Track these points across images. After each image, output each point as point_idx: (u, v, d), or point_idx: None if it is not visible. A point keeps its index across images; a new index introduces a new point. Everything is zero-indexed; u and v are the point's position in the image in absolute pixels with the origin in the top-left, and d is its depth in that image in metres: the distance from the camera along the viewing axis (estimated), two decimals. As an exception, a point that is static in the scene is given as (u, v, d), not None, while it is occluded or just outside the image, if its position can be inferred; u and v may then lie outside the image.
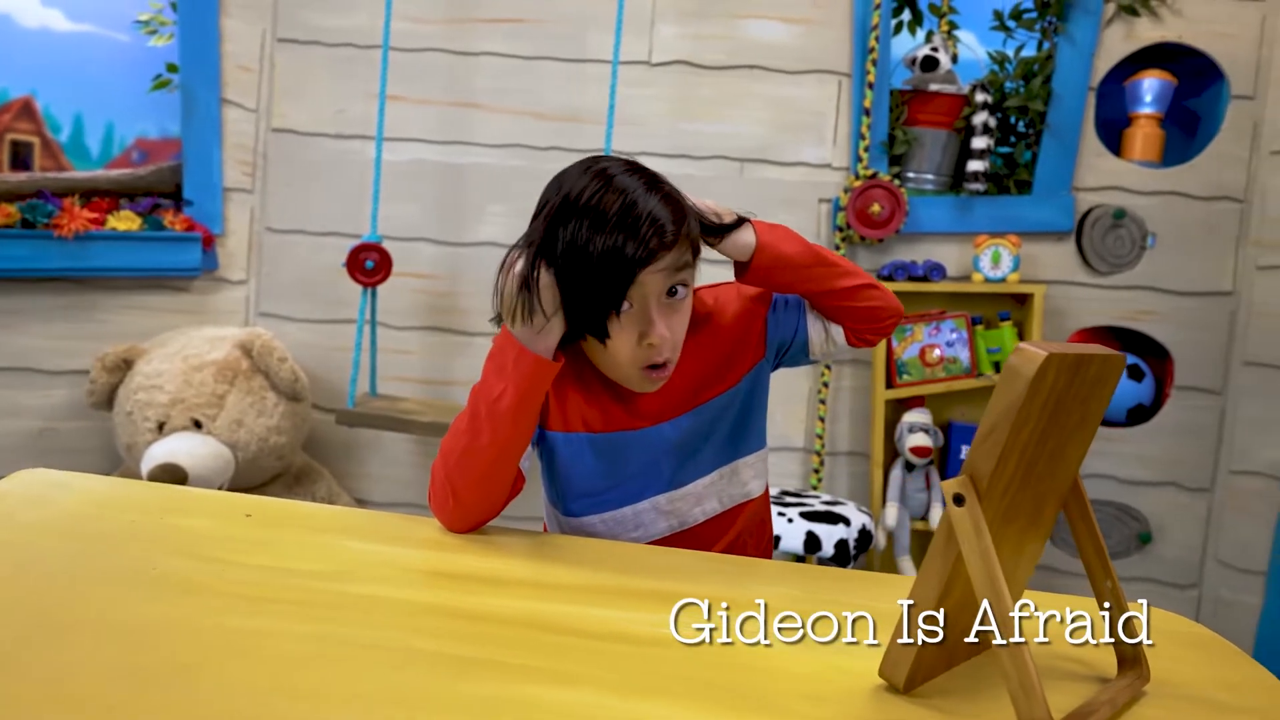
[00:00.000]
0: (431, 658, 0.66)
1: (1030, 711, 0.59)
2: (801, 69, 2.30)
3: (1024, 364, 0.60)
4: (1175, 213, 2.25)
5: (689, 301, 0.99)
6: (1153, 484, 2.30)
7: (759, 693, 0.65)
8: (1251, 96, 2.22)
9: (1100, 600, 0.73)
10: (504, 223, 2.37)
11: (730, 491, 1.08)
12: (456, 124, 2.36)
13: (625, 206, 0.93)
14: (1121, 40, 2.23)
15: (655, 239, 0.91)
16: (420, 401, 2.26)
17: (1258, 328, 2.22)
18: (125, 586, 0.73)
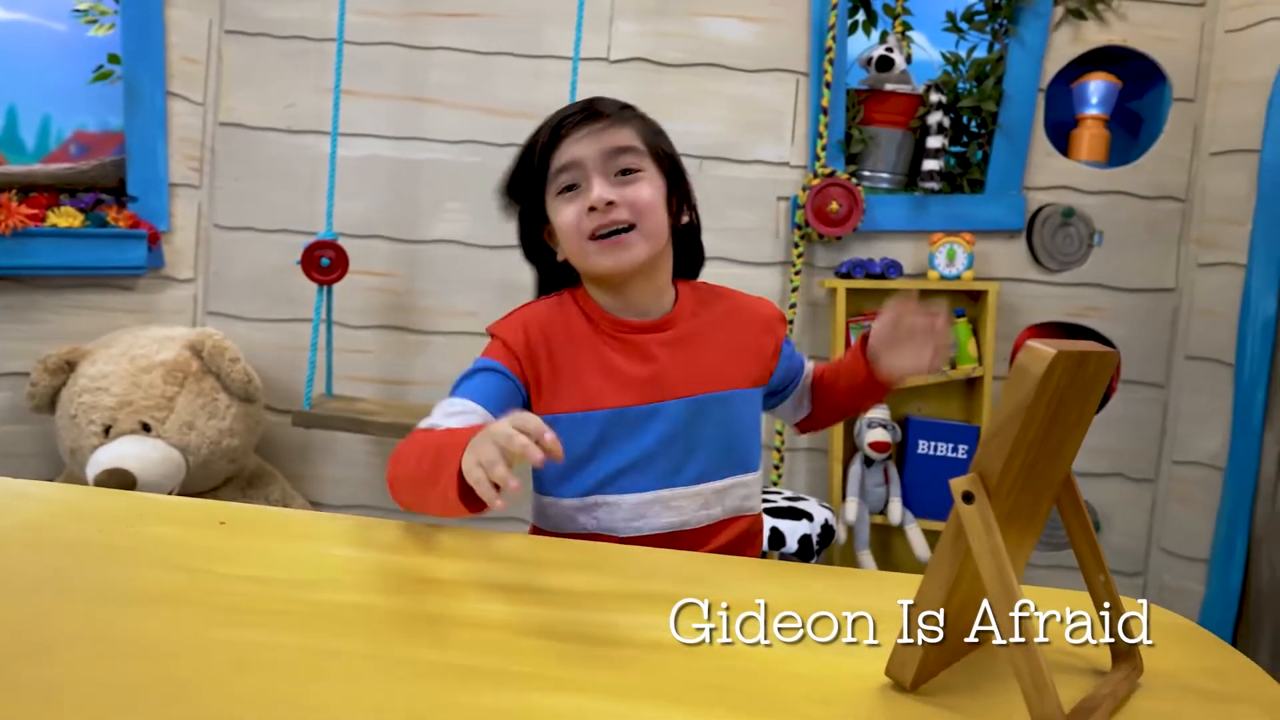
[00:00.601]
0: (438, 668, 0.64)
1: (1043, 709, 0.59)
2: (760, 68, 2.31)
3: (1033, 362, 0.61)
4: (1120, 212, 2.32)
5: (648, 185, 1.02)
6: (1100, 475, 2.36)
7: (767, 696, 0.65)
8: (1192, 99, 2.29)
9: (1095, 595, 0.75)
10: (461, 220, 2.33)
11: (733, 503, 1.08)
12: (411, 119, 2.32)
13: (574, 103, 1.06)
14: (1069, 43, 2.29)
15: (585, 109, 1.02)
16: (378, 402, 2.22)
17: (1198, 323, 2.30)
18: (105, 601, 0.70)
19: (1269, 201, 2.15)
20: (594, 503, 1.04)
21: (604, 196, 0.99)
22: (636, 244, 1.01)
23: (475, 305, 2.35)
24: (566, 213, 1.02)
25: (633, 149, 1.02)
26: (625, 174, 1.02)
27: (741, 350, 1.09)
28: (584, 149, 1.01)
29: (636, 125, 1.04)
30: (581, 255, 1.03)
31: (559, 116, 1.04)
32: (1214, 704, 0.71)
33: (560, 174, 1.02)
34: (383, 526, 0.95)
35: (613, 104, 1.05)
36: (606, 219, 1.00)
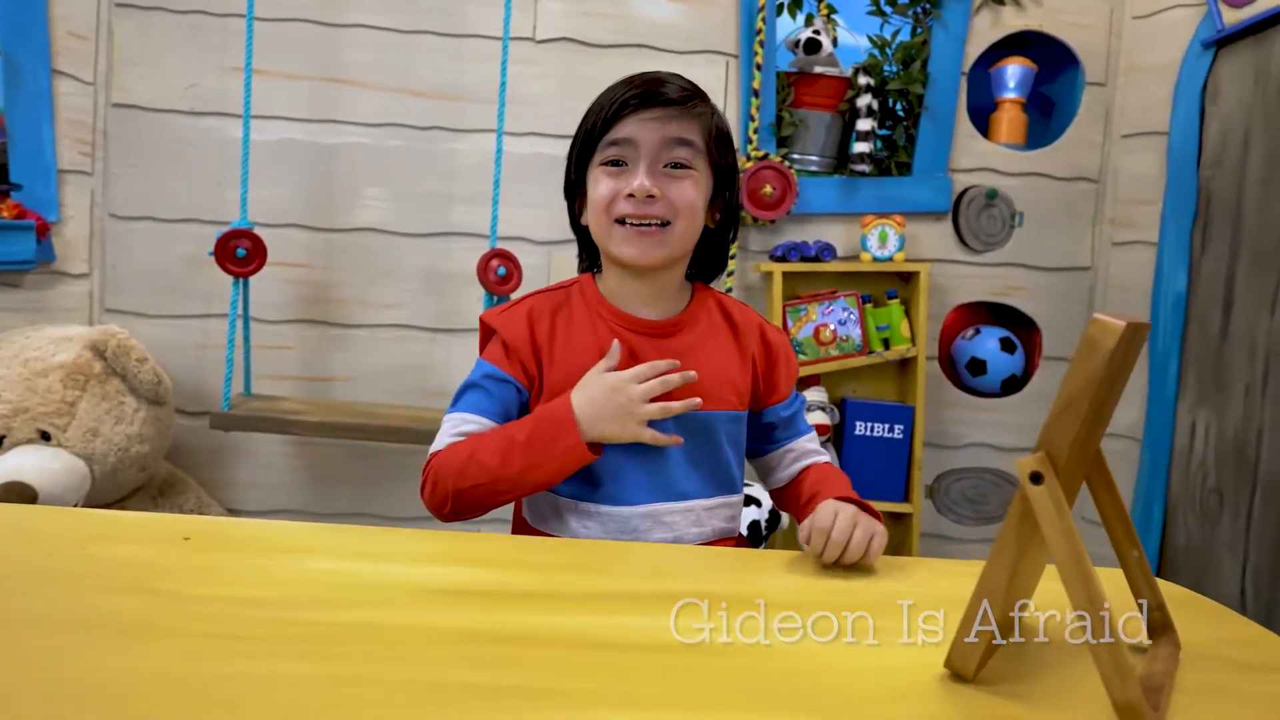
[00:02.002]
0: (468, 690, 0.58)
1: (1125, 694, 0.57)
2: (690, 49, 2.27)
3: (1104, 335, 0.59)
4: (1039, 193, 2.38)
5: (693, 185, 0.98)
6: (1025, 449, 2.42)
7: (831, 696, 0.61)
8: (1103, 83, 2.37)
9: (1128, 571, 0.74)
10: (383, 207, 2.22)
11: (720, 524, 1.04)
12: (326, 101, 2.20)
13: (642, 74, 1.01)
14: (989, 28, 2.33)
15: (652, 87, 0.97)
16: (304, 400, 2.09)
17: (1113, 300, 2.38)
18: (71, 633, 0.61)
19: (1177, 182, 2.24)
20: (588, 511, 1.00)
21: (646, 187, 0.95)
22: (664, 242, 0.98)
23: (400, 296, 2.24)
24: (603, 187, 0.98)
25: (690, 144, 0.98)
26: (675, 167, 0.98)
27: (741, 371, 1.05)
28: (642, 131, 0.97)
29: (702, 120, 1.00)
30: (605, 235, 1.00)
31: (626, 90, 0.98)
32: (1254, 673, 0.71)
33: (611, 146, 0.99)
34: (362, 535, 0.87)
35: (682, 89, 0.99)
36: (642, 210, 0.97)
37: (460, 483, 0.95)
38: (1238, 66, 2.14)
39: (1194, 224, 2.21)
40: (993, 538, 2.24)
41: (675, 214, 0.98)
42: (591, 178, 1.01)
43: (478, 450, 0.96)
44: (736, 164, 1.05)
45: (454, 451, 0.97)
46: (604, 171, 0.99)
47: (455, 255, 2.24)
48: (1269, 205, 2.06)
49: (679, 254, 1.02)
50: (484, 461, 0.95)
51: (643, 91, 0.96)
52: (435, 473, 0.97)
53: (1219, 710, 0.63)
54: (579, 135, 1.02)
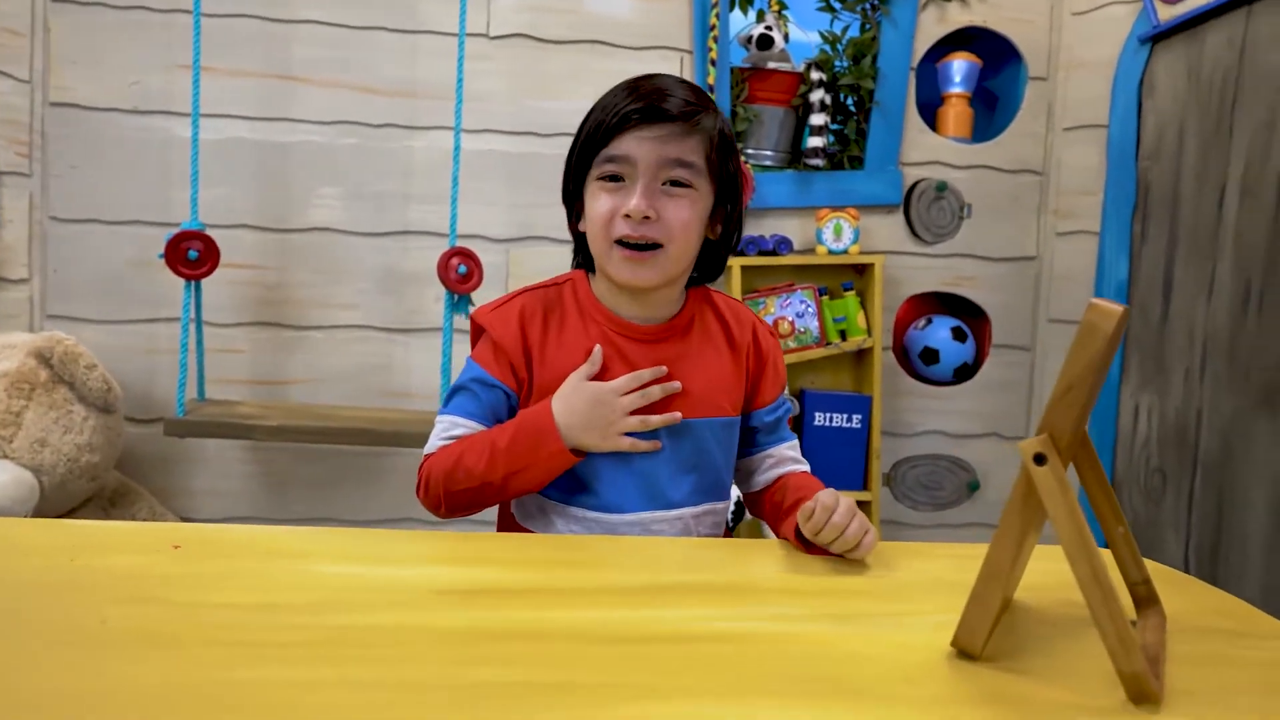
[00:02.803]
0: (489, 689, 0.58)
1: (1130, 664, 0.60)
2: (644, 45, 2.28)
3: (1103, 320, 0.61)
4: (986, 185, 2.44)
5: (690, 205, 0.97)
6: (977, 436, 2.49)
7: (843, 679, 0.63)
8: (1045, 78, 2.44)
9: (1115, 547, 0.76)
10: (337, 206, 2.19)
11: (706, 530, 1.05)
12: (276, 99, 2.15)
13: (643, 81, 0.97)
14: (935, 23, 2.38)
15: (655, 100, 0.94)
16: (261, 404, 2.05)
17: (1058, 289, 2.46)
18: (78, 645, 0.59)
19: (1117, 173, 2.32)
20: (576, 515, 1.00)
21: (642, 209, 0.94)
22: (658, 265, 0.97)
23: (355, 297, 2.21)
24: (601, 205, 0.97)
25: (690, 165, 0.96)
26: (673, 185, 0.96)
27: (735, 376, 1.05)
28: (642, 150, 0.94)
29: (703, 135, 0.97)
30: (603, 255, 0.99)
31: (629, 102, 0.95)
32: (1237, 641, 0.74)
33: (608, 162, 0.96)
34: (358, 537, 0.86)
35: (685, 103, 0.96)
36: (638, 231, 0.95)
37: (450, 485, 0.96)
38: (1172, 61, 2.22)
39: (1134, 214, 2.29)
40: (948, 523, 2.29)
41: (670, 237, 0.96)
42: (590, 191, 0.99)
43: (464, 454, 0.96)
44: (740, 172, 1.02)
45: (444, 455, 0.97)
46: (602, 187, 0.97)
47: (412, 254, 2.21)
48: (1203, 196, 2.15)
49: (674, 275, 1.00)
50: (470, 466, 0.95)
51: (645, 107, 0.94)
52: (427, 475, 0.98)
53: (1210, 677, 0.66)
54: (578, 142, 1.00)
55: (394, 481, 2.24)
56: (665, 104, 0.94)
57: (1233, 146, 2.10)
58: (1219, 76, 2.11)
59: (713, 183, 0.99)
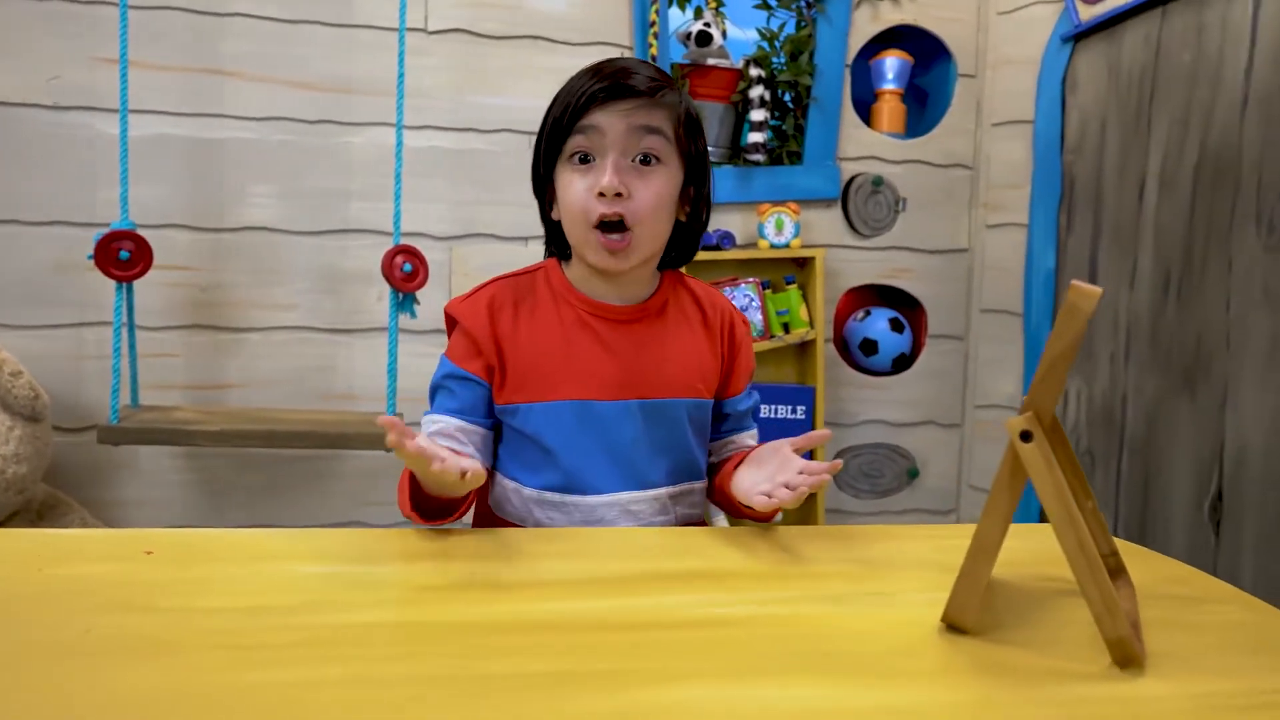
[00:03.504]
0: (515, 680, 0.57)
1: (1116, 630, 0.62)
2: (584, 41, 2.27)
3: (1084, 300, 0.63)
4: (919, 180, 2.50)
5: (662, 180, 0.97)
6: (915, 424, 2.55)
7: (845, 656, 0.64)
8: (974, 75, 2.51)
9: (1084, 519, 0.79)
10: (272, 205, 2.13)
11: (684, 510, 1.06)
12: (205, 94, 2.09)
13: (606, 63, 0.98)
14: (869, 21, 2.43)
15: (620, 78, 0.94)
16: (200, 409, 1.98)
17: (989, 279, 2.54)
18: (70, 657, 0.57)
19: (1043, 167, 2.41)
20: (554, 501, 1.00)
21: (614, 185, 0.94)
22: (634, 248, 0.97)
23: (294, 297, 2.16)
24: (575, 188, 0.96)
25: (659, 131, 0.96)
26: (644, 161, 0.96)
27: (711, 358, 1.06)
28: (609, 120, 0.94)
29: (670, 110, 0.97)
30: (579, 240, 0.99)
31: (594, 82, 0.95)
32: (1197, 606, 0.78)
33: (577, 135, 0.96)
34: (332, 537, 0.85)
35: (650, 79, 0.96)
36: (613, 209, 0.95)
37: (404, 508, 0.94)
38: (1093, 59, 2.31)
39: (1060, 206, 2.38)
40: (889, 510, 2.34)
41: (639, 218, 0.96)
42: (561, 178, 0.99)
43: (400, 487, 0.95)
44: (707, 152, 1.04)
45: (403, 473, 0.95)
46: (573, 169, 0.97)
47: (352, 253, 2.17)
48: (1124, 188, 2.24)
49: (648, 256, 1.01)
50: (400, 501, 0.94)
51: (610, 84, 0.94)
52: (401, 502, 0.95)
53: (1180, 640, 0.69)
54: (545, 129, 1.00)
55: (339, 485, 2.19)
56: (630, 80, 0.95)
57: (1151, 140, 2.19)
58: (1137, 73, 2.21)
59: (681, 160, 1.00)
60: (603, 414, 1.00)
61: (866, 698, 0.58)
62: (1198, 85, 2.09)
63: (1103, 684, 0.60)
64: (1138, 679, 0.61)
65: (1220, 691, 0.59)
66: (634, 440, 1.00)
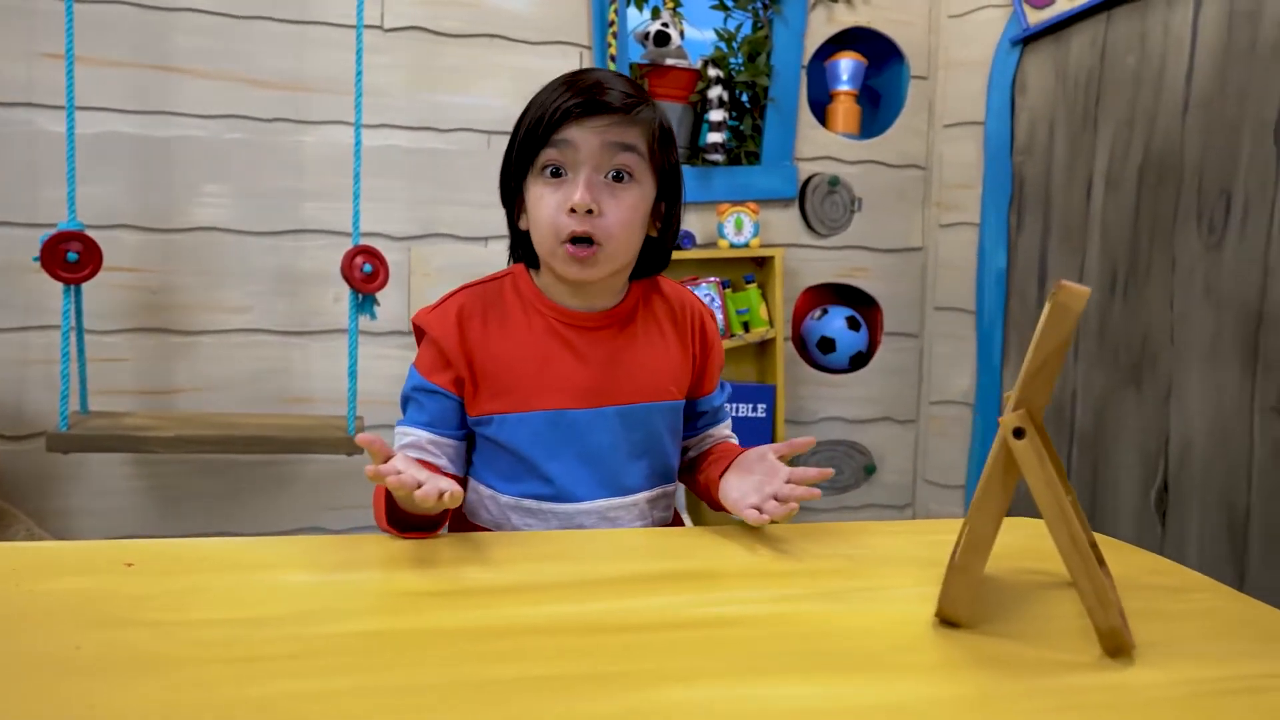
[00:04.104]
0: (525, 684, 0.57)
1: (1108, 620, 0.64)
2: (543, 40, 2.26)
3: (1073, 300, 0.65)
4: (874, 180, 2.54)
5: (633, 197, 0.96)
6: (872, 421, 2.59)
7: (847, 653, 0.65)
8: (926, 77, 2.56)
9: (1065, 514, 0.81)
10: (225, 204, 2.08)
11: (660, 514, 1.06)
12: (155, 91, 2.03)
13: (581, 75, 0.97)
14: (824, 23, 2.46)
15: (594, 93, 0.93)
16: (153, 415, 1.93)
17: (943, 277, 2.58)
18: (65, 677, 0.55)
19: (993, 167, 2.46)
20: (531, 508, 1.00)
21: (585, 202, 0.93)
22: (603, 262, 0.97)
23: (248, 299, 2.11)
24: (546, 203, 0.95)
25: (633, 149, 0.95)
26: (616, 178, 0.95)
27: (682, 360, 1.07)
28: (583, 136, 0.93)
29: (644, 126, 0.96)
30: (548, 253, 0.98)
31: (569, 98, 0.93)
32: (1174, 595, 0.80)
33: (550, 149, 0.94)
34: (318, 545, 0.83)
35: (625, 95, 0.95)
36: (583, 227, 0.94)
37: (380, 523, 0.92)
38: (1041, 62, 2.37)
39: (1010, 206, 2.44)
40: (847, 505, 2.37)
41: (609, 235, 0.95)
42: (533, 191, 0.97)
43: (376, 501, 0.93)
44: (680, 167, 1.03)
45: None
46: (544, 182, 0.96)
47: (308, 254, 2.13)
48: (1072, 188, 2.30)
49: (616, 269, 1.01)
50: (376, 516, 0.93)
51: (586, 99, 0.93)
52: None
53: (1163, 628, 0.71)
54: (516, 139, 0.98)
55: (296, 491, 2.15)
56: (605, 96, 0.94)
57: (1097, 141, 2.25)
58: (1083, 76, 2.27)
59: (654, 175, 0.99)
60: (578, 422, 0.99)
61: (870, 694, 0.58)
62: (1141, 88, 2.15)
63: (1097, 673, 0.62)
64: (1129, 668, 0.63)
65: (1208, 678, 0.62)
66: (611, 447, 1.00)
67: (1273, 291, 1.89)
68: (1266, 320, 1.91)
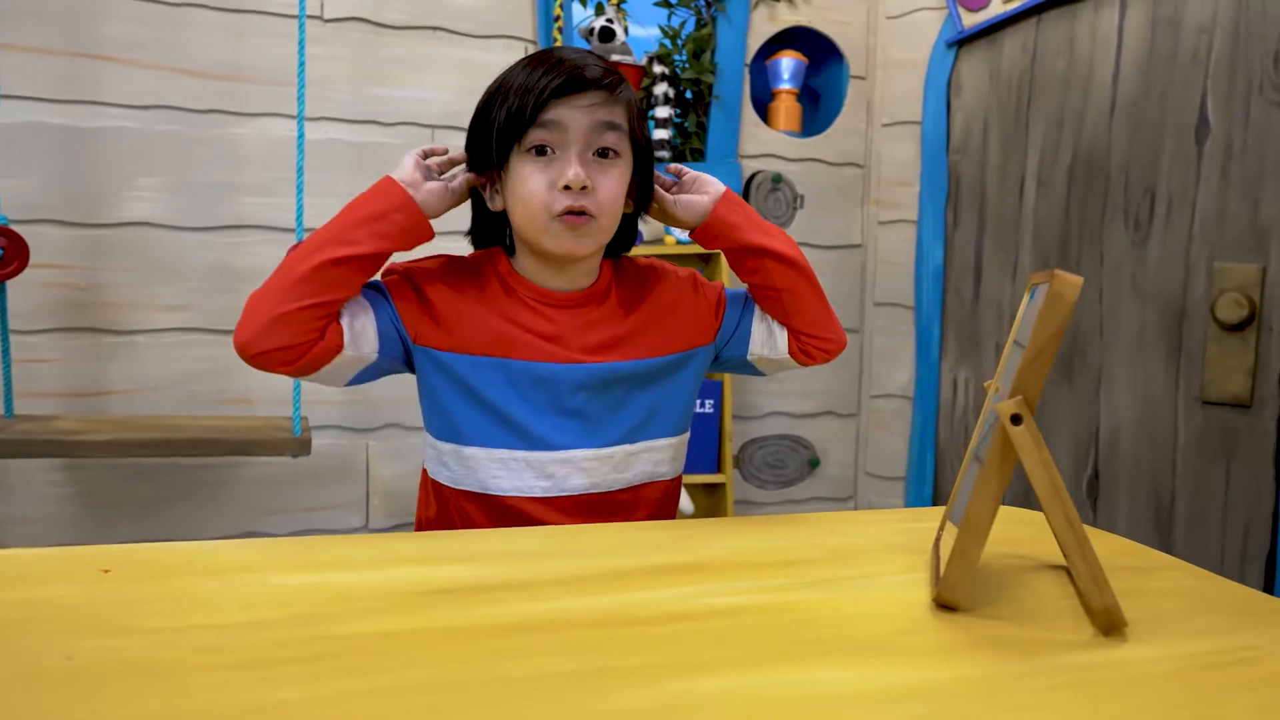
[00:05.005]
0: (541, 680, 0.56)
1: (1103, 600, 0.66)
2: (487, 33, 2.24)
3: (1067, 290, 0.67)
4: (816, 177, 2.58)
5: (620, 173, 0.98)
6: (815, 415, 2.63)
7: (852, 638, 0.65)
8: (864, 77, 2.61)
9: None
10: (157, 199, 2.01)
11: (646, 467, 1.06)
12: (83, 79, 1.95)
13: (555, 53, 0.97)
14: (766, 22, 2.49)
15: (577, 72, 0.94)
16: (84, 419, 1.84)
17: (882, 274, 2.64)
18: (61, 688, 0.52)
19: (930, 166, 2.52)
20: (500, 458, 1.00)
21: (581, 178, 0.94)
22: (594, 235, 0.98)
23: (184, 297, 2.04)
24: (535, 181, 0.96)
25: (618, 127, 0.98)
26: (603, 155, 0.97)
27: (681, 321, 1.07)
28: (572, 116, 0.95)
29: (625, 103, 0.99)
30: (538, 229, 0.98)
31: (550, 77, 0.94)
32: (1151, 574, 0.83)
33: (538, 129, 0.95)
34: (292, 545, 0.81)
35: (605, 72, 0.97)
36: (579, 202, 0.95)
37: (283, 278, 0.91)
38: (976, 64, 2.43)
39: (947, 204, 2.50)
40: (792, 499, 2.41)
41: (601, 209, 0.97)
42: (518, 171, 0.97)
43: (294, 255, 0.94)
44: (650, 141, 1.05)
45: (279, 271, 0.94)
46: (529, 160, 0.97)
47: (247, 250, 2.06)
48: (1006, 186, 2.37)
49: (604, 244, 1.03)
50: (306, 245, 0.93)
51: (569, 78, 0.94)
52: (253, 296, 0.93)
53: (1142, 606, 0.74)
54: (495, 120, 0.97)
55: (236, 495, 2.09)
56: (588, 74, 0.96)
57: (1029, 141, 2.33)
58: (1015, 78, 2.34)
59: (632, 151, 1.01)
60: (551, 375, 1.00)
61: (882, 678, 0.59)
62: (1070, 90, 2.23)
63: (1095, 651, 0.64)
64: (1123, 645, 0.65)
65: (1198, 651, 0.64)
66: (587, 400, 1.01)
67: (1194, 287, 1.99)
68: (1189, 314, 2.00)
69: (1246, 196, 1.90)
